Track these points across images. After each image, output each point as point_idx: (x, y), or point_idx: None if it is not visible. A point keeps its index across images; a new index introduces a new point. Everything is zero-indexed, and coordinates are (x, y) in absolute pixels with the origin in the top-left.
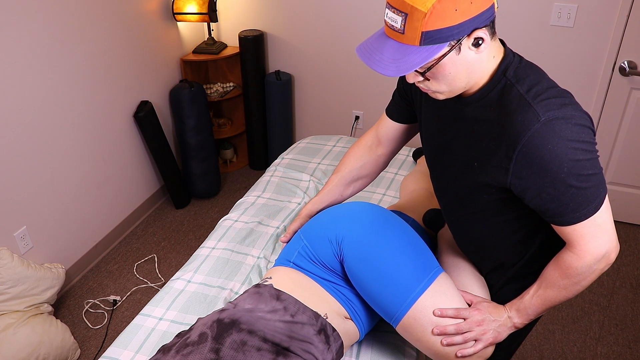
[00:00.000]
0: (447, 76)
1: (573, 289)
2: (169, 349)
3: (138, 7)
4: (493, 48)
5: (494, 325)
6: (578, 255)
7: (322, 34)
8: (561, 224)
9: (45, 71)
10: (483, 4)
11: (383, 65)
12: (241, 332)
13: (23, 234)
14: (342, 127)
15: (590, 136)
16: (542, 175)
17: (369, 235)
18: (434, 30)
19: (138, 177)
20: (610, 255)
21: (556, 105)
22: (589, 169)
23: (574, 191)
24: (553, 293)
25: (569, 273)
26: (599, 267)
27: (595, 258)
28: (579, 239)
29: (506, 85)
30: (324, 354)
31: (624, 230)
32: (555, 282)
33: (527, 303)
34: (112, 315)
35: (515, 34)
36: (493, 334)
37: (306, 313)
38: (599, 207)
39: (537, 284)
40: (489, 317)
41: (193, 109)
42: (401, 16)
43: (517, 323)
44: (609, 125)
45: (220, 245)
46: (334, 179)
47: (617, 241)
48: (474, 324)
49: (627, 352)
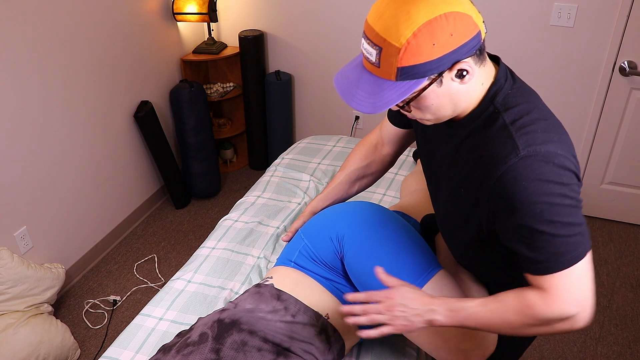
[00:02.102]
0: (430, 107)
1: (519, 330)
2: (170, 348)
3: (138, 7)
4: (481, 75)
5: (409, 313)
6: (545, 302)
7: (322, 34)
8: (533, 273)
9: (45, 71)
10: (465, 35)
11: (358, 101)
12: (242, 333)
13: (23, 234)
14: (342, 127)
15: (571, 180)
16: (514, 215)
17: (369, 232)
18: (410, 66)
19: (138, 177)
20: (577, 320)
21: (540, 140)
22: (566, 216)
23: (547, 237)
24: (498, 320)
25: (527, 313)
26: (559, 327)
27: (561, 313)
28: (551, 288)
29: (493, 113)
30: (324, 355)
31: (624, 230)
32: (508, 312)
33: (467, 310)
34: (112, 315)
35: (515, 34)
36: (404, 322)
37: (307, 313)
38: (575, 262)
39: (491, 300)
40: (404, 303)
41: (193, 109)
42: (376, 49)
43: (438, 321)
44: (609, 125)
45: (221, 245)
46: (339, 176)
47: (591, 310)
48: (383, 307)
49: (627, 352)
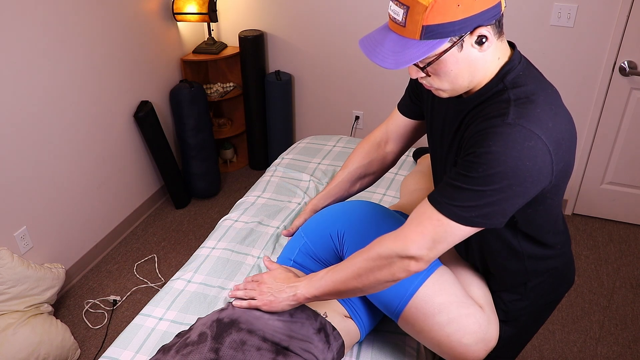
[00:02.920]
0: (448, 73)
1: (365, 280)
2: (169, 349)
3: (138, 7)
4: (498, 49)
5: (274, 289)
6: (394, 235)
7: (322, 34)
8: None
9: (45, 71)
10: (488, 2)
11: (382, 57)
12: (241, 332)
13: (23, 234)
14: (342, 127)
15: (527, 174)
16: (462, 156)
17: (368, 230)
18: (435, 25)
19: (138, 177)
20: (412, 265)
21: (530, 118)
22: (488, 192)
23: (459, 184)
24: (348, 272)
25: (373, 251)
26: (397, 267)
27: (403, 248)
28: (407, 226)
29: (501, 90)
30: (324, 353)
31: (624, 230)
32: (356, 259)
33: (322, 273)
34: (112, 315)
35: (515, 34)
36: (270, 297)
37: (305, 312)
38: (448, 214)
39: (338, 264)
40: (271, 282)
41: (193, 109)
42: (403, 9)
43: (301, 293)
44: (609, 125)
45: (221, 245)
46: (341, 175)
47: (425, 264)
48: (255, 284)
49: (627, 352)
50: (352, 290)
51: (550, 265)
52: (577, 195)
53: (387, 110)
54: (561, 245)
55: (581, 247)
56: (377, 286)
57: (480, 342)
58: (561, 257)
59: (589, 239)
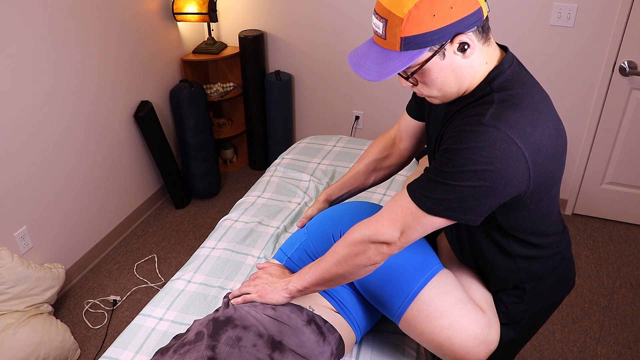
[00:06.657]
0: (435, 81)
1: (345, 267)
2: (167, 350)
3: (138, 7)
4: (485, 54)
5: (268, 281)
6: (369, 221)
7: (322, 34)
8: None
9: (45, 71)
10: (465, 9)
11: (366, 70)
12: (236, 329)
13: (23, 234)
14: (342, 127)
15: (495, 177)
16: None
17: None
18: (413, 36)
19: (138, 177)
20: (384, 250)
21: (508, 121)
22: (459, 188)
23: (432, 177)
24: (331, 261)
25: (351, 237)
26: (372, 251)
27: (376, 232)
28: (381, 212)
29: (488, 93)
30: (320, 345)
31: (624, 230)
32: (338, 247)
33: (309, 267)
34: (112, 315)
35: (515, 34)
36: (263, 289)
37: (288, 306)
38: (421, 205)
39: (323, 255)
40: (266, 277)
41: (193, 109)
42: (382, 22)
43: (293, 286)
44: (609, 125)
45: (221, 245)
46: (357, 166)
47: (397, 249)
48: (252, 280)
49: (627, 352)
50: (336, 277)
51: (545, 264)
52: (577, 195)
53: (387, 110)
54: (556, 245)
55: (581, 247)
56: (358, 271)
57: (481, 344)
58: (556, 257)
59: (589, 239)
